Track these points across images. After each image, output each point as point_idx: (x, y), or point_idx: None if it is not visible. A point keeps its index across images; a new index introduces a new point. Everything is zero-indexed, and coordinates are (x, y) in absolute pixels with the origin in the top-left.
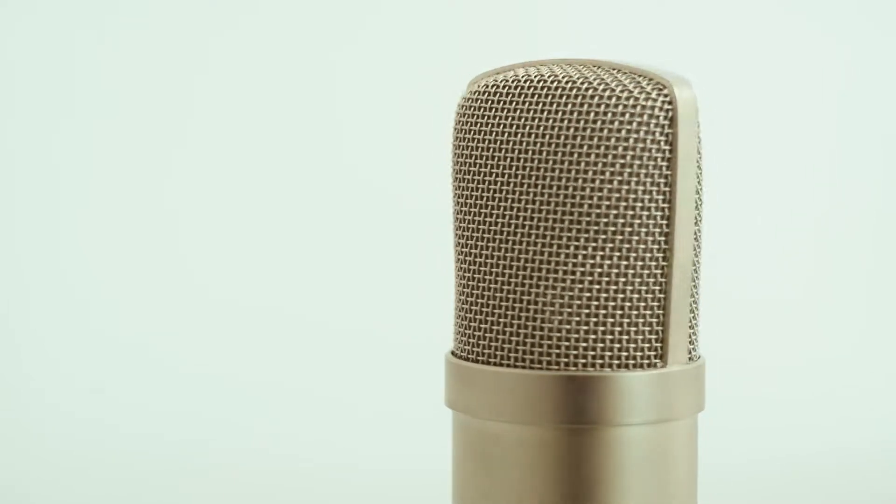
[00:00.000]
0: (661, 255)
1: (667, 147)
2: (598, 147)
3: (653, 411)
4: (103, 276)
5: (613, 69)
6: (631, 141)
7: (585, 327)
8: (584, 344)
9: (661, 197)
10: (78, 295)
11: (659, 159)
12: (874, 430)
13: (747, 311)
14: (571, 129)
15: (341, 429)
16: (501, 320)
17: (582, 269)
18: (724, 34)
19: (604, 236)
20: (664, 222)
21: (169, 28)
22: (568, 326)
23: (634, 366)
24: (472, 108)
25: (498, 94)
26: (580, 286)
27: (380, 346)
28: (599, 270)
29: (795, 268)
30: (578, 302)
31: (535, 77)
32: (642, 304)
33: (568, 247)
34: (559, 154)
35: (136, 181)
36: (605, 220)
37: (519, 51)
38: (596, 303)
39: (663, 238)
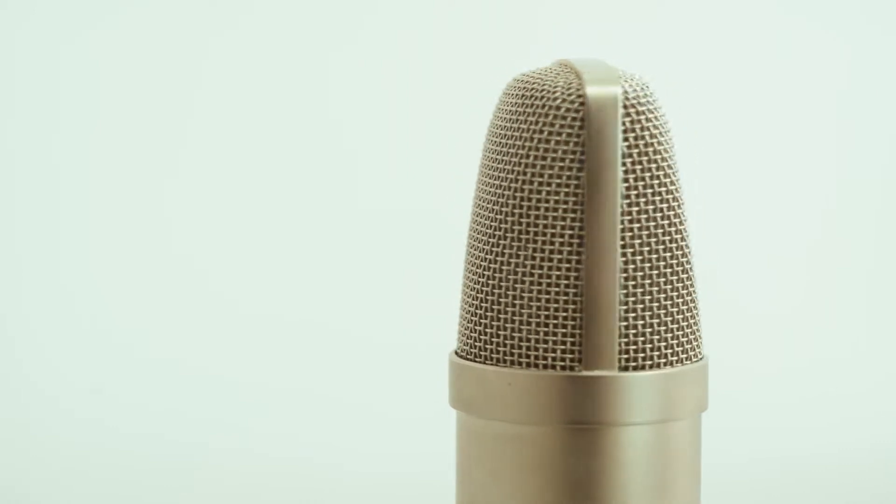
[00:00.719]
0: (577, 258)
1: (578, 149)
2: (514, 148)
3: (656, 411)
4: (103, 276)
5: (568, 69)
6: (535, 142)
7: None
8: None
9: (573, 199)
10: (78, 295)
11: (568, 160)
12: (876, 431)
13: (749, 311)
14: (505, 131)
15: (343, 430)
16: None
17: (507, 269)
18: (724, 36)
19: (512, 236)
20: (578, 224)
21: (174, 28)
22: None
23: (545, 366)
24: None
25: (501, 97)
26: (503, 286)
27: (383, 346)
28: (496, 271)
29: (797, 268)
30: (505, 300)
31: (520, 78)
32: (554, 305)
33: (503, 248)
34: (498, 156)
35: (136, 181)
36: (512, 220)
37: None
38: (519, 303)
39: (577, 241)
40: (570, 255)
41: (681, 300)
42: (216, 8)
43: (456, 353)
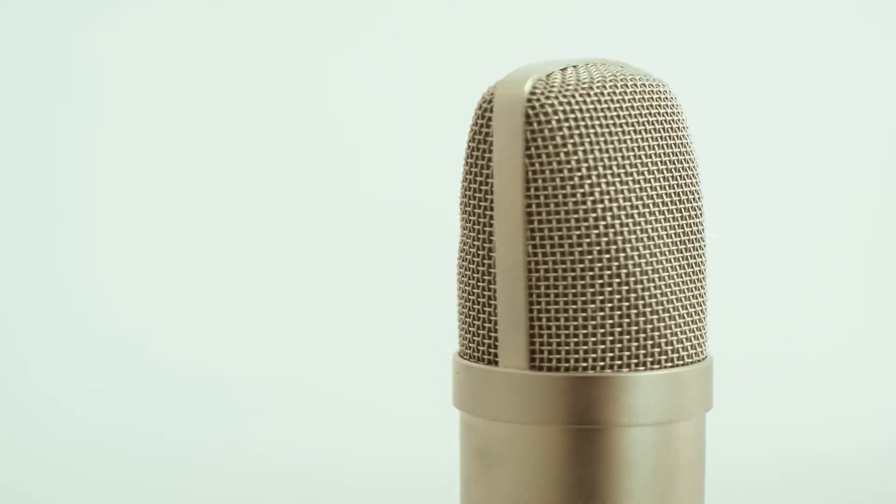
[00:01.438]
0: (491, 255)
1: (492, 150)
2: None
3: (660, 411)
4: (103, 276)
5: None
6: (467, 142)
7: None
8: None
9: (490, 198)
10: (78, 295)
11: (487, 162)
12: (876, 431)
13: (750, 312)
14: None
15: (343, 430)
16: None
17: (462, 267)
18: (723, 36)
19: (463, 234)
20: (494, 224)
21: (175, 28)
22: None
23: (478, 360)
24: None
25: None
26: (463, 284)
27: (383, 346)
28: (461, 270)
29: (798, 269)
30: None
31: None
32: (482, 301)
33: (461, 249)
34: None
35: (137, 182)
36: (461, 219)
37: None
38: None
39: (493, 241)
40: (490, 254)
41: (610, 302)
42: (217, 8)
43: (458, 353)
